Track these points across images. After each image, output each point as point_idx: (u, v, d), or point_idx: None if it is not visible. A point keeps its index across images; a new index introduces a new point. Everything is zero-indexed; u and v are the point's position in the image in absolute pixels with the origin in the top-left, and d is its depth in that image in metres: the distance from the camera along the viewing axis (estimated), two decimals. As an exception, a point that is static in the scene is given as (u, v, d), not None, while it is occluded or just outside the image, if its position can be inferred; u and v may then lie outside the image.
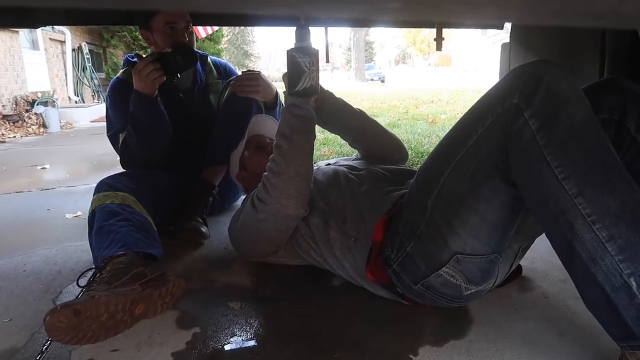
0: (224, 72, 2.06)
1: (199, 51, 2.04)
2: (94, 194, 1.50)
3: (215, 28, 9.15)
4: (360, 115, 1.55)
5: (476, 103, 1.02)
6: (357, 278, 1.26)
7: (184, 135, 1.87)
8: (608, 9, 0.31)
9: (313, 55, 1.20)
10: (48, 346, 1.09)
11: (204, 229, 1.79)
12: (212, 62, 2.05)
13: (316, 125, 1.32)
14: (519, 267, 1.32)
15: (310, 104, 1.28)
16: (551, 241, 0.91)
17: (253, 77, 1.74)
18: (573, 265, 0.87)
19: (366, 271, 1.20)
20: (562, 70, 0.89)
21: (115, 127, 1.78)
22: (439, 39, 2.02)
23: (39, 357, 1.06)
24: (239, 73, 1.98)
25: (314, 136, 1.27)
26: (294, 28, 1.21)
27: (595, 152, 0.84)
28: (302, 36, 1.20)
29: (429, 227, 1.06)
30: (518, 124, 0.88)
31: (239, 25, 2.75)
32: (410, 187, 1.17)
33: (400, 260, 1.13)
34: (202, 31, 8.30)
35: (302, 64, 1.18)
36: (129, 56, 1.94)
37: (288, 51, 1.20)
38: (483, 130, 0.96)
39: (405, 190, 1.23)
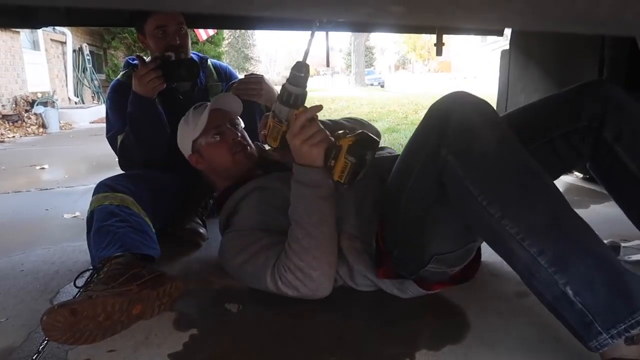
0: (224, 75, 2.06)
1: (199, 54, 2.04)
2: (93, 195, 1.50)
3: (216, 30, 9.16)
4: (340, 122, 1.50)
5: (411, 138, 1.09)
6: (365, 277, 1.26)
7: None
8: (609, 16, 0.31)
9: (377, 145, 1.15)
10: (45, 346, 1.09)
11: (202, 231, 1.79)
12: (212, 64, 2.05)
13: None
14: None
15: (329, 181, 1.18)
16: (467, 232, 1.04)
17: (256, 81, 1.74)
18: (523, 278, 0.93)
19: (378, 271, 1.23)
20: (471, 103, 0.95)
21: (115, 128, 1.79)
22: (439, 44, 2.03)
23: (36, 357, 1.05)
24: (240, 76, 1.98)
25: (335, 209, 1.21)
26: (293, 32, 1.20)
27: (511, 175, 0.90)
28: (300, 80, 1.11)
29: (404, 238, 1.13)
30: (441, 161, 0.95)
31: (240, 28, 2.76)
32: (382, 203, 1.21)
33: (395, 262, 1.18)
34: (203, 34, 8.33)
35: (368, 160, 1.11)
36: (129, 58, 1.94)
37: (359, 143, 1.10)
38: (420, 167, 1.02)
39: None
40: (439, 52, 2.03)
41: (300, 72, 1.10)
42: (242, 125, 1.57)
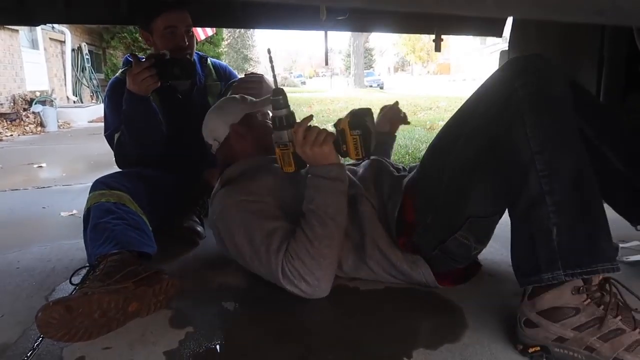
0: (223, 74, 2.06)
1: (199, 53, 2.04)
2: (89, 193, 1.50)
3: (214, 30, 9.15)
4: None
5: (483, 86, 1.15)
6: (376, 248, 1.28)
7: (182, 136, 1.86)
8: (607, 4, 0.31)
9: (372, 113, 1.24)
10: (39, 343, 1.08)
11: (200, 229, 1.78)
12: (211, 64, 2.05)
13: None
14: (479, 263, 1.45)
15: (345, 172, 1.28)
16: (506, 188, 1.07)
17: (256, 80, 1.74)
18: (516, 208, 1.04)
19: (398, 240, 1.26)
20: (555, 65, 1.06)
21: (112, 127, 1.78)
22: (437, 41, 2.03)
23: (30, 354, 1.05)
24: (239, 76, 1.98)
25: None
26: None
27: (561, 126, 1.01)
28: (281, 101, 1.20)
29: (446, 197, 1.16)
30: (510, 92, 1.03)
31: (239, 27, 2.76)
32: (422, 166, 1.27)
33: (421, 232, 1.22)
34: (201, 33, 8.32)
35: (370, 126, 1.21)
36: (128, 56, 1.93)
37: (354, 118, 1.21)
38: (493, 107, 1.07)
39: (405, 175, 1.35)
40: (437, 49, 2.03)
41: (278, 96, 1.20)
42: None
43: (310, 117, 1.23)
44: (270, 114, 1.30)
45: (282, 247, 1.21)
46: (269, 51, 1.23)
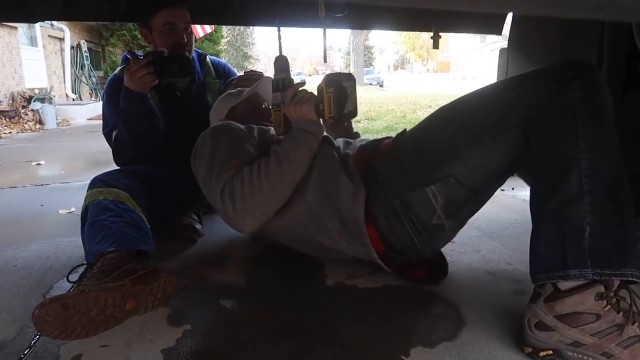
0: (222, 72, 2.05)
1: (198, 50, 2.03)
2: (87, 190, 1.49)
3: (214, 27, 9.13)
4: None
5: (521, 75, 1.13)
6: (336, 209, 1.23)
7: (181, 134, 1.86)
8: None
9: (352, 79, 1.26)
10: (37, 341, 1.08)
11: (198, 227, 1.78)
12: (210, 61, 2.05)
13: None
14: (445, 269, 1.39)
15: (323, 133, 1.31)
16: (537, 184, 1.07)
17: (255, 77, 1.74)
18: (547, 203, 1.01)
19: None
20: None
21: (111, 124, 1.77)
22: (435, 38, 2.02)
23: (27, 352, 1.04)
24: (239, 74, 1.98)
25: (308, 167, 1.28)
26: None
27: (608, 133, 1.00)
28: (282, 66, 1.29)
29: (438, 146, 1.15)
30: (567, 88, 1.01)
31: (238, 24, 2.76)
32: (427, 118, 1.27)
33: (392, 169, 1.20)
34: (199, 31, 8.30)
35: (347, 88, 1.22)
36: (127, 53, 1.93)
37: (332, 75, 1.24)
38: (529, 86, 1.07)
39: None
40: (435, 45, 2.03)
41: (281, 61, 1.30)
42: None
43: (303, 83, 1.31)
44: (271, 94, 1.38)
45: (236, 169, 1.25)
46: (278, 29, 1.35)
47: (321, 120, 1.31)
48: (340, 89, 1.22)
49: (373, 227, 1.20)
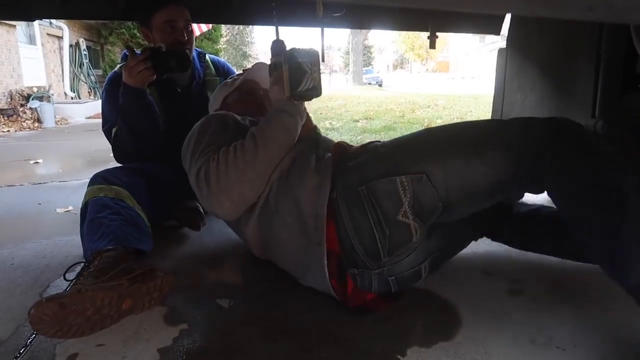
0: (222, 70, 2.06)
1: (198, 49, 2.04)
2: (88, 187, 1.49)
3: (210, 26, 9.12)
4: None
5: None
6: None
7: (181, 131, 1.85)
8: (598, 0, 0.30)
9: (314, 56, 1.19)
10: (33, 340, 1.08)
11: (203, 212, 1.78)
12: (210, 59, 2.05)
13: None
14: (397, 294, 1.23)
15: (303, 112, 1.27)
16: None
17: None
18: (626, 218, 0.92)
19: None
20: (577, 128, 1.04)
21: (110, 121, 1.77)
22: (432, 37, 2.02)
23: (23, 351, 1.04)
24: (237, 72, 1.98)
25: (288, 149, 1.25)
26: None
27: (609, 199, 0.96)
28: (278, 49, 1.23)
29: (421, 145, 1.12)
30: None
31: (236, 23, 2.75)
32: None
33: (367, 157, 1.13)
34: (196, 29, 8.30)
35: (303, 64, 1.17)
36: (126, 52, 1.93)
37: (287, 51, 1.18)
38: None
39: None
40: (432, 45, 2.03)
41: (276, 45, 1.27)
42: None
43: None
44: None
45: (214, 152, 1.22)
46: (277, 29, 1.34)
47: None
48: (295, 66, 1.16)
49: (333, 223, 1.12)
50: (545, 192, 1.06)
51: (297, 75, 1.16)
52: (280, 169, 1.23)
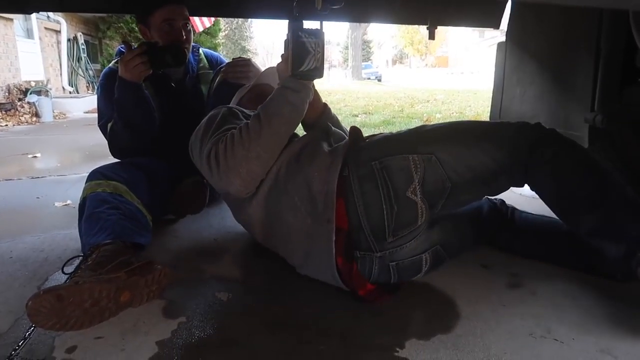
0: (216, 63, 2.06)
1: (192, 43, 2.03)
2: (86, 182, 1.49)
3: (212, 20, 9.08)
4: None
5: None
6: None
7: (176, 125, 1.85)
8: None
9: (319, 36, 1.18)
10: (31, 332, 1.08)
11: (207, 186, 1.78)
12: (203, 53, 2.05)
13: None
14: (396, 286, 1.25)
15: (309, 89, 1.25)
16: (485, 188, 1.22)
17: (244, 64, 1.76)
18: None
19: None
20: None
21: (106, 116, 1.77)
22: (431, 29, 2.02)
23: (22, 343, 1.04)
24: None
25: (295, 127, 1.27)
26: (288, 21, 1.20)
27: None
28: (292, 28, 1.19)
29: (431, 132, 1.25)
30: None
31: (234, 16, 2.74)
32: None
33: (380, 139, 1.26)
34: (199, 24, 8.26)
35: (307, 44, 1.16)
36: (121, 47, 1.92)
37: (293, 30, 1.17)
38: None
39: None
40: (431, 36, 2.02)
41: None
42: None
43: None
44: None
45: (223, 135, 1.24)
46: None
47: None
48: (298, 45, 1.16)
49: (342, 200, 1.15)
50: (537, 191, 1.23)
51: (300, 54, 1.16)
52: (291, 151, 1.25)
